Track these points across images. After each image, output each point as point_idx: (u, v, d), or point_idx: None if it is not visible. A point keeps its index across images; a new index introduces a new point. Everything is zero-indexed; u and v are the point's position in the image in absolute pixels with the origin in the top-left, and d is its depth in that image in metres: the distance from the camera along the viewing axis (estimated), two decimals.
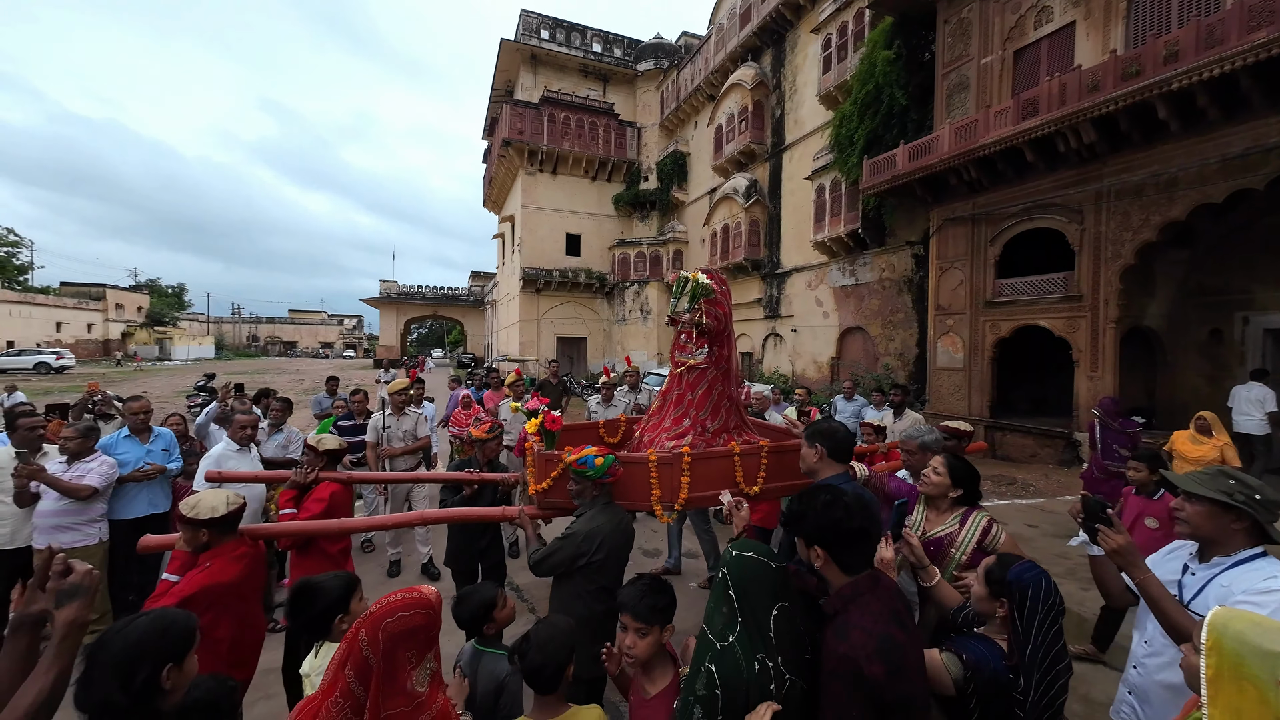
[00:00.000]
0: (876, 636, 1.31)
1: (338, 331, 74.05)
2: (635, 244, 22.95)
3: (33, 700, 1.07)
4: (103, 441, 3.64)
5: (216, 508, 2.17)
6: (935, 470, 2.31)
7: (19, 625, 1.21)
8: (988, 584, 1.57)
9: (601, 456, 2.38)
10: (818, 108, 14.55)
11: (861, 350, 13.56)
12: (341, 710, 1.20)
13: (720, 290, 3.13)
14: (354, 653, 1.24)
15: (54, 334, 35.86)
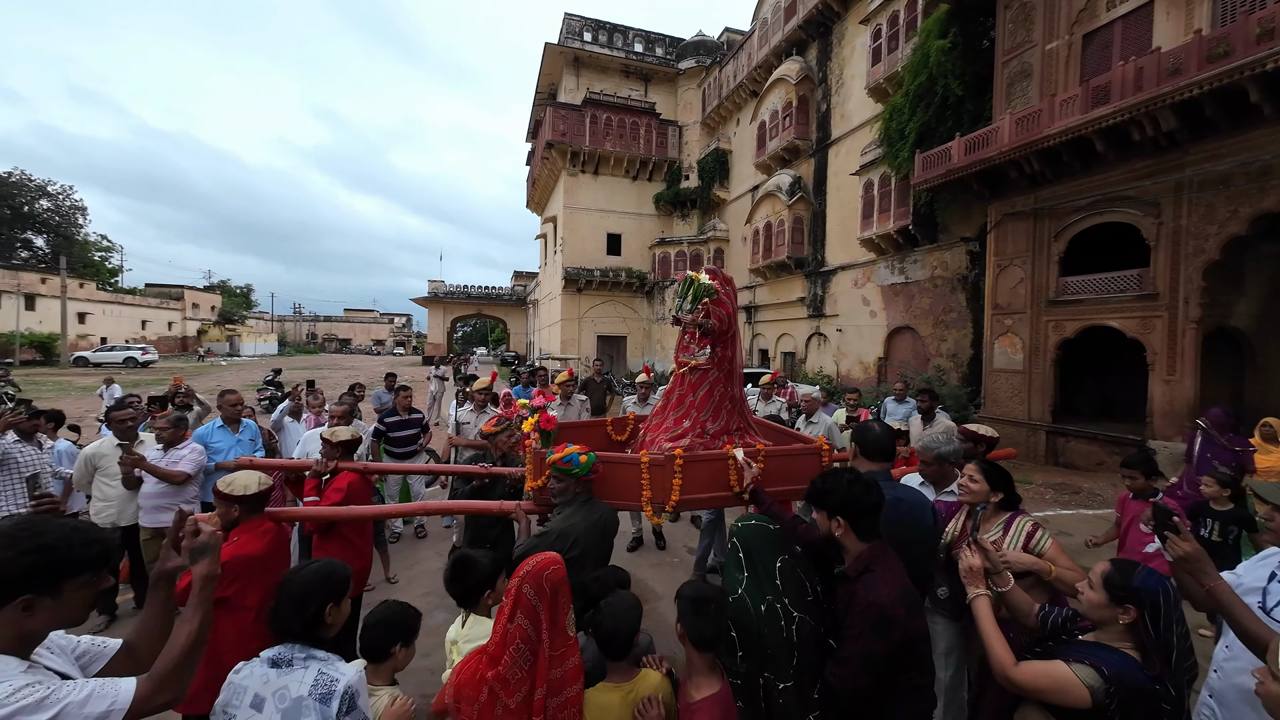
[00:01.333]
0: (898, 588, 1.68)
1: (388, 329, 77.34)
2: (675, 243, 22.94)
3: (185, 640, 1.26)
4: (200, 431, 4.00)
5: (249, 486, 2.38)
6: (971, 478, 2.30)
7: (158, 580, 1.38)
8: (1108, 590, 1.52)
9: (585, 454, 2.42)
10: (866, 101, 14.14)
11: (911, 351, 13.11)
12: (522, 653, 1.44)
13: (724, 291, 3.09)
14: (522, 603, 1.47)
15: (139, 331, 39.04)
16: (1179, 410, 7.49)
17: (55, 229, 37.58)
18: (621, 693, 1.66)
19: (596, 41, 24.26)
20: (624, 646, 1.71)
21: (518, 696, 1.44)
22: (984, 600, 1.77)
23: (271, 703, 1.39)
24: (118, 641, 1.33)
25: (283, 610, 1.50)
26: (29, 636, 1.13)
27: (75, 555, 1.16)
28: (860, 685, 1.63)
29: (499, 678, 1.44)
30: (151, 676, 1.19)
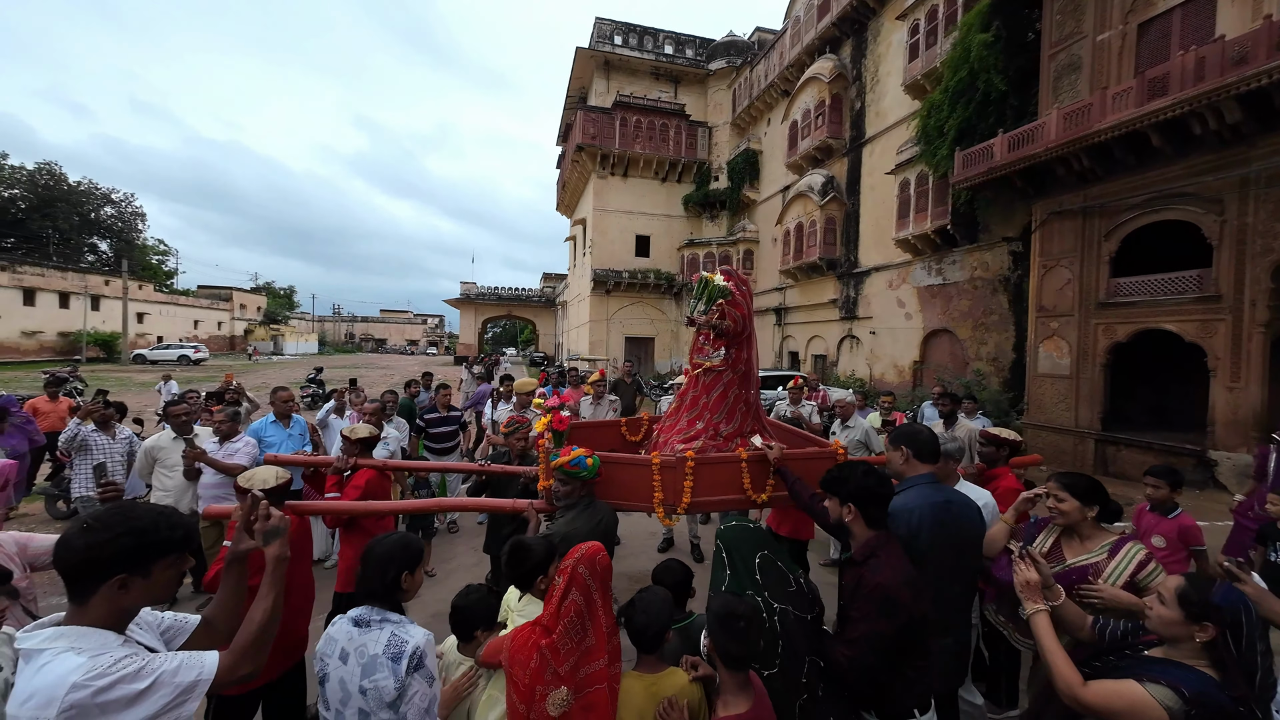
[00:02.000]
0: (902, 572, 1.76)
1: (422, 330, 79.39)
2: (704, 244, 22.85)
3: (261, 617, 1.36)
4: (254, 426, 4.20)
5: (267, 480, 2.48)
6: (1056, 497, 2.14)
7: (232, 560, 1.47)
8: (1183, 607, 1.44)
9: (591, 457, 2.42)
10: (902, 98, 13.81)
11: (949, 354, 12.72)
12: (574, 625, 1.62)
13: (739, 292, 3.05)
14: (577, 581, 1.65)
15: (192, 330, 41.14)
16: (1243, 420, 7.06)
17: (118, 234, 39.97)
18: (645, 683, 1.69)
19: (627, 45, 24.40)
20: (655, 641, 1.74)
21: (567, 664, 1.58)
22: (1043, 616, 1.70)
23: (354, 657, 1.57)
24: (196, 618, 1.44)
25: (368, 573, 1.67)
26: (124, 613, 1.22)
27: (163, 537, 1.25)
28: (869, 665, 1.71)
29: (551, 645, 1.59)
30: (233, 650, 1.29)
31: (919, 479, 2.16)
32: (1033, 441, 9.46)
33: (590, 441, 3.46)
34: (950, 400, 5.27)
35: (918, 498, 2.10)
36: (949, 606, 2.10)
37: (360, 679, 1.54)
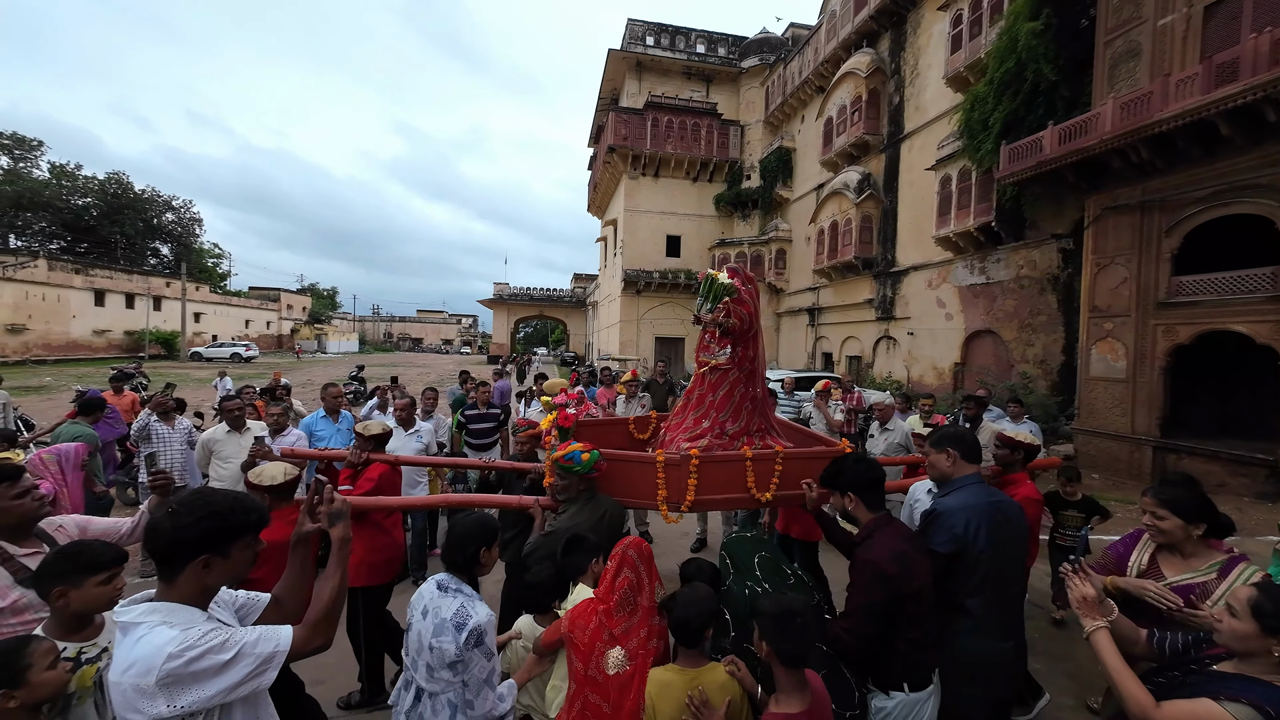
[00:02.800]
0: (891, 550, 1.90)
1: (456, 329, 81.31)
2: (736, 244, 22.66)
3: (330, 594, 1.44)
4: (306, 420, 4.41)
5: (275, 477, 2.56)
6: (1155, 515, 2.00)
7: (298, 541, 1.57)
8: (1258, 619, 1.37)
9: (588, 452, 2.45)
10: (944, 91, 13.38)
11: (992, 356, 12.26)
12: (627, 598, 1.87)
13: (744, 290, 3.03)
14: (628, 562, 1.92)
15: (243, 330, 43.27)
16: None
17: (177, 239, 42.36)
18: (686, 678, 1.72)
19: (659, 45, 24.42)
20: (695, 635, 1.76)
21: (622, 626, 1.83)
22: (1104, 634, 1.62)
23: (430, 616, 1.76)
24: (267, 596, 1.55)
25: (451, 546, 1.89)
26: (207, 590, 1.33)
27: (239, 521, 1.34)
28: (866, 633, 1.87)
29: (607, 610, 1.85)
30: (305, 624, 1.38)
31: (967, 479, 2.14)
32: (1084, 448, 9.02)
33: (600, 439, 3.52)
34: (975, 404, 5.03)
35: (971, 498, 2.07)
36: (1008, 608, 2.06)
37: (430, 636, 1.72)
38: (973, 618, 1.99)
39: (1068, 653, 3.61)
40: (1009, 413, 6.08)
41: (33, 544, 1.89)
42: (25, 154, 36.50)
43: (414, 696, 1.74)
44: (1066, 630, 3.88)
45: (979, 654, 1.98)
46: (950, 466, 2.18)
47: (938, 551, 2.01)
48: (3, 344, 25.83)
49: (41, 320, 27.67)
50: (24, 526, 1.88)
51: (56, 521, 2.01)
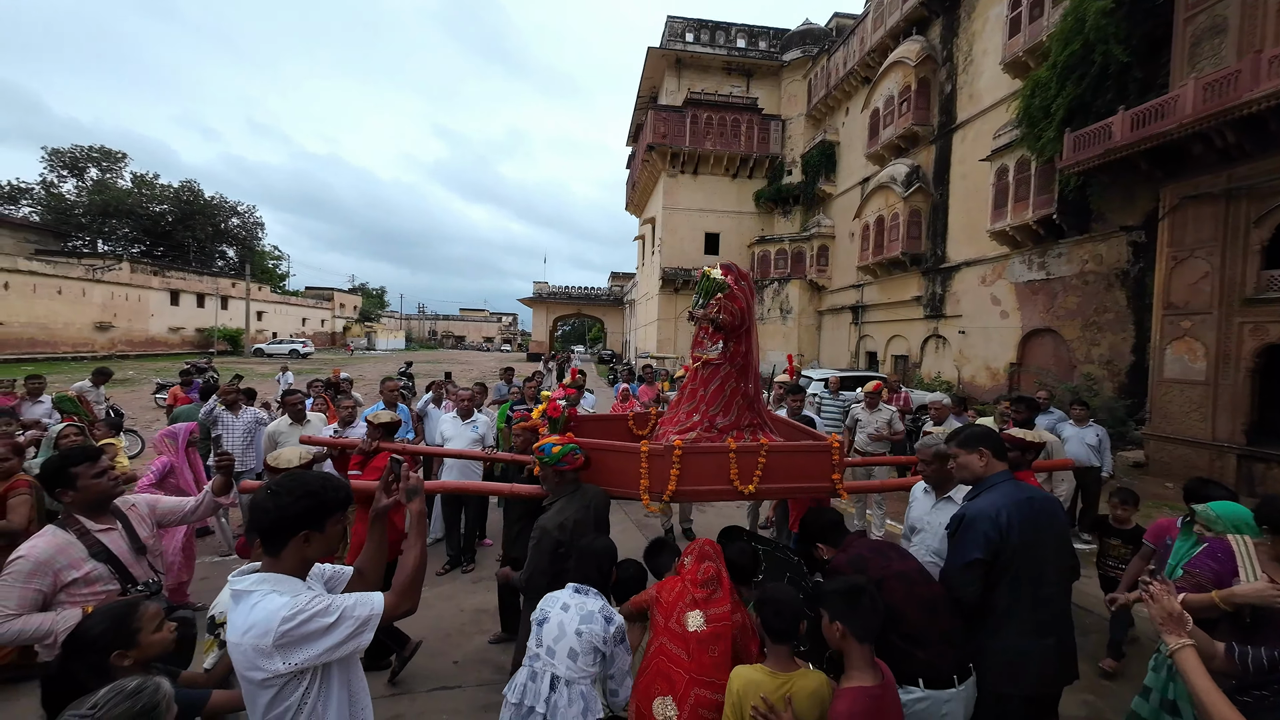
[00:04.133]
0: (848, 557, 2.15)
1: (497, 327, 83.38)
2: (776, 241, 22.28)
3: (414, 562, 1.56)
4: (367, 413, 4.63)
5: (291, 460, 2.64)
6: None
7: (376, 517, 1.67)
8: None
9: (559, 445, 2.51)
10: (1001, 78, 12.73)
11: (1052, 356, 11.60)
12: (710, 580, 2.11)
13: (737, 286, 3.03)
14: (706, 554, 2.20)
15: (300, 327, 45.75)
16: None
17: (242, 242, 45.16)
18: (777, 682, 1.69)
19: (699, 41, 24.25)
20: (785, 633, 1.76)
21: (704, 596, 2.07)
22: (1191, 652, 1.50)
23: (574, 609, 2.02)
24: (350, 568, 1.66)
25: (585, 566, 2.21)
26: (306, 562, 1.46)
27: (331, 498, 1.46)
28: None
29: (692, 580, 2.12)
30: (394, 591, 1.49)
31: (998, 477, 2.11)
32: (1156, 454, 8.43)
33: (600, 433, 3.63)
34: (1025, 407, 4.67)
35: (1002, 497, 2.02)
36: (1045, 606, 1.98)
37: (578, 624, 1.97)
38: (1006, 615, 1.96)
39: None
40: (1072, 416, 5.75)
41: (108, 520, 2.01)
42: (111, 165, 39.72)
43: (549, 686, 1.94)
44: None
45: (1010, 652, 1.94)
46: (984, 466, 2.13)
47: (974, 559, 1.95)
48: (92, 340, 28.21)
49: (125, 318, 30.05)
50: (101, 503, 2.01)
51: (130, 500, 2.15)
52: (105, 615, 1.49)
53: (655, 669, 1.97)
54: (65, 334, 26.91)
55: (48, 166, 37.50)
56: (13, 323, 24.60)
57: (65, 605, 1.83)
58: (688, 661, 1.93)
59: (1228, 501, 2.32)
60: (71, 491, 1.94)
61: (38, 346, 25.37)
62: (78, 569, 1.85)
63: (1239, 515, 2.17)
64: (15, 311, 24.75)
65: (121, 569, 1.95)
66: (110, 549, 1.94)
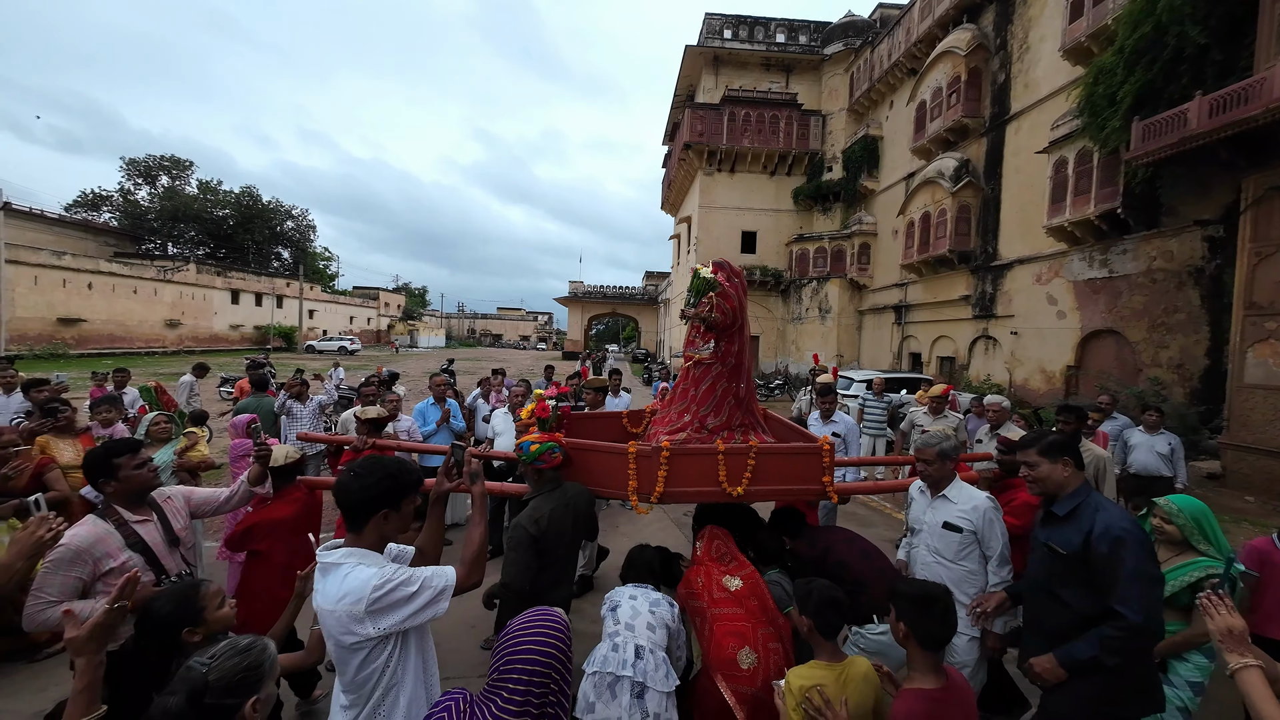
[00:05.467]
0: (820, 546, 2.66)
1: (533, 326, 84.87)
2: (815, 239, 21.79)
3: (478, 538, 1.74)
4: (418, 407, 4.84)
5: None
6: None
7: (436, 500, 1.80)
8: None
9: (537, 443, 2.51)
10: (1060, 65, 12.05)
11: (1114, 359, 10.91)
12: (724, 551, 2.56)
13: (729, 284, 2.99)
14: (716, 535, 2.64)
15: (348, 325, 47.82)
16: None
17: (295, 244, 47.52)
18: (834, 673, 1.76)
19: (737, 37, 23.96)
20: (828, 630, 1.84)
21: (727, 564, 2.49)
22: (1256, 673, 1.37)
23: (641, 598, 2.25)
24: (412, 548, 1.80)
25: (638, 569, 2.48)
26: (384, 539, 1.60)
27: (405, 480, 1.59)
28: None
29: (710, 560, 2.52)
30: (463, 564, 1.65)
31: (1083, 489, 2.03)
32: (1235, 465, 7.81)
33: (595, 432, 3.63)
34: (1074, 417, 4.19)
35: (1121, 516, 1.92)
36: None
37: (648, 606, 2.21)
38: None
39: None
40: (1143, 422, 5.40)
41: (144, 512, 2.06)
42: (180, 173, 42.49)
43: (635, 655, 2.09)
44: None
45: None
46: (1068, 475, 2.03)
47: (1157, 575, 1.89)
48: (163, 336, 30.27)
49: (192, 316, 32.11)
50: (140, 494, 2.06)
51: (166, 492, 2.20)
52: (171, 596, 1.59)
53: (723, 632, 2.19)
54: (139, 330, 28.97)
55: (125, 175, 40.47)
56: (95, 320, 26.66)
57: (102, 594, 1.87)
58: (744, 615, 2.24)
59: (1187, 495, 2.36)
60: (114, 482, 1.99)
61: (116, 342, 27.41)
62: (114, 558, 1.89)
63: (1197, 508, 2.21)
64: (97, 310, 26.82)
65: (154, 560, 2.00)
66: (145, 540, 1.99)
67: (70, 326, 25.40)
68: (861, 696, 1.71)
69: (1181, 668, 2.14)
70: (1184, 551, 2.21)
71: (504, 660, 1.39)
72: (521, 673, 1.36)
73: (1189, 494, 2.61)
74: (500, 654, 1.41)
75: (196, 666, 1.12)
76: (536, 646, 1.40)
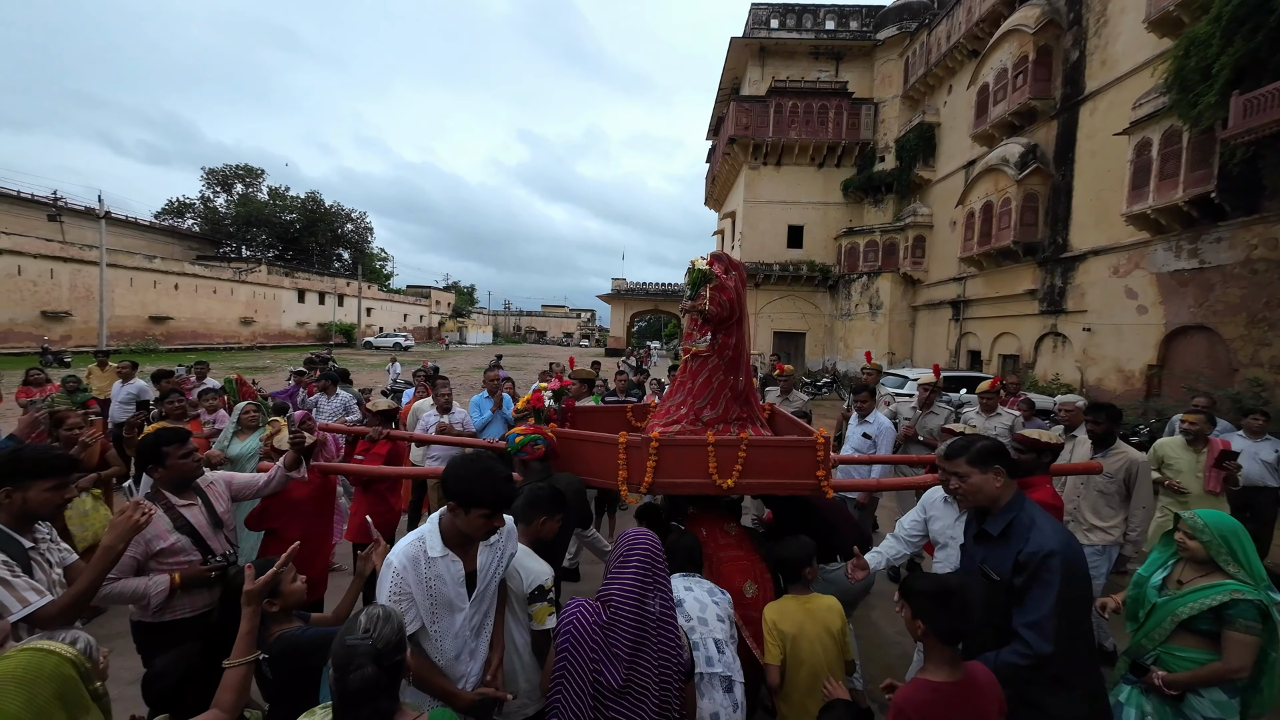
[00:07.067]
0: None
1: (576, 323, 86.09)
2: (866, 232, 21.02)
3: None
4: (475, 400, 5.01)
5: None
6: None
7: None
8: None
9: (522, 434, 2.57)
10: (1144, 38, 11.06)
11: (1205, 357, 9.97)
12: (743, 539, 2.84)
13: (726, 277, 2.96)
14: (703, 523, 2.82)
15: (402, 323, 50.03)
16: None
17: (354, 245, 50.09)
18: (799, 602, 2.25)
19: (784, 26, 23.34)
20: (793, 572, 2.30)
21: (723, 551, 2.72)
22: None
23: (696, 588, 2.19)
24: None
25: (678, 558, 2.33)
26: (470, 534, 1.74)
27: (485, 492, 1.67)
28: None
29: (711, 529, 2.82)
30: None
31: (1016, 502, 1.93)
32: None
33: (598, 425, 3.70)
34: (1106, 417, 3.67)
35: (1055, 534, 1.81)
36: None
37: (708, 597, 2.16)
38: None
39: None
40: (1244, 426, 4.90)
41: (189, 497, 2.19)
42: (253, 181, 45.59)
43: (717, 649, 2.09)
44: None
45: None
46: (1001, 487, 1.87)
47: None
48: (238, 333, 32.62)
49: (263, 314, 34.45)
50: (186, 481, 2.19)
51: (209, 478, 2.32)
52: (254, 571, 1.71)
53: (730, 570, 2.56)
54: (218, 327, 31.34)
55: (205, 184, 43.83)
56: (180, 318, 29.05)
57: (155, 572, 2.01)
58: (744, 555, 2.66)
59: (1218, 511, 2.10)
60: (161, 468, 2.12)
61: (198, 338, 29.77)
62: (164, 540, 2.02)
63: (1227, 525, 1.94)
64: (182, 308, 29.21)
65: (200, 541, 2.12)
66: (191, 522, 2.11)
67: (159, 324, 27.78)
68: (825, 627, 2.15)
69: (1198, 703, 1.93)
70: (1211, 572, 1.96)
71: (625, 549, 1.84)
72: (640, 556, 1.80)
73: None
74: (619, 549, 1.86)
75: (361, 642, 1.24)
76: (647, 540, 1.86)
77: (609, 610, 1.71)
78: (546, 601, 1.95)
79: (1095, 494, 3.57)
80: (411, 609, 1.62)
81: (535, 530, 2.10)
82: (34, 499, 1.69)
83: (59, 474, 1.74)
